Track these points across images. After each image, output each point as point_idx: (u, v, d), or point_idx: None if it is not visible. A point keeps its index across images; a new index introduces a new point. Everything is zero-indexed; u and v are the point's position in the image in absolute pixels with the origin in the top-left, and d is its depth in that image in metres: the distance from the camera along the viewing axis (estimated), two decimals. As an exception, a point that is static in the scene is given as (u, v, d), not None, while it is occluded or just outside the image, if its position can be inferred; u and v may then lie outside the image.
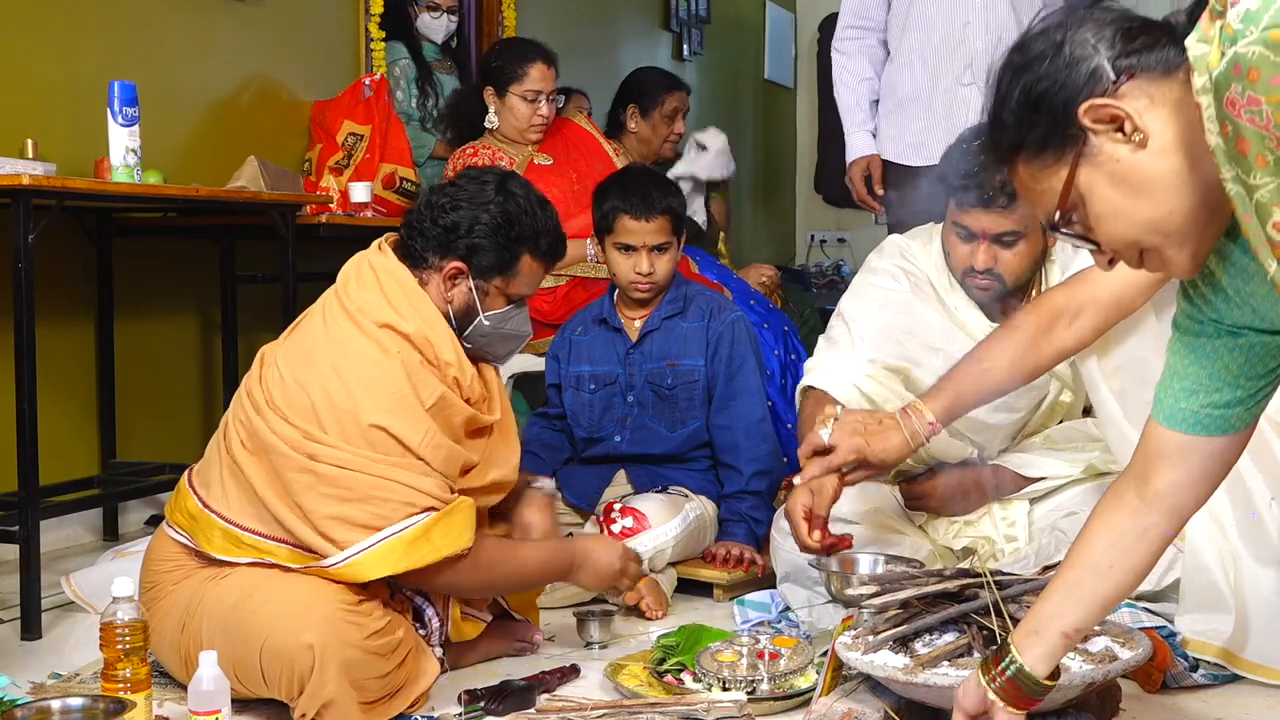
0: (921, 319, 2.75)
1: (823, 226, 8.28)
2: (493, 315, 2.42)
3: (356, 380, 2.25)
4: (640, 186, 3.24)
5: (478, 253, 2.37)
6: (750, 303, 3.76)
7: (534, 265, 2.42)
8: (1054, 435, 2.77)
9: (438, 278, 2.39)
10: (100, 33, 3.71)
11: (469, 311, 2.41)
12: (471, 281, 2.39)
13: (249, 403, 2.32)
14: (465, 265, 2.37)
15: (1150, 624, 2.43)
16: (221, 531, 2.28)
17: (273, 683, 2.16)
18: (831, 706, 2.06)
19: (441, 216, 2.38)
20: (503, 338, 2.47)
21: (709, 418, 3.21)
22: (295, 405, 2.25)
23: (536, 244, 2.40)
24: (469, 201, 2.38)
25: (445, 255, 2.38)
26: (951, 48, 3.38)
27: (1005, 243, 2.63)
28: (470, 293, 2.39)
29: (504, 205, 2.38)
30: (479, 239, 2.37)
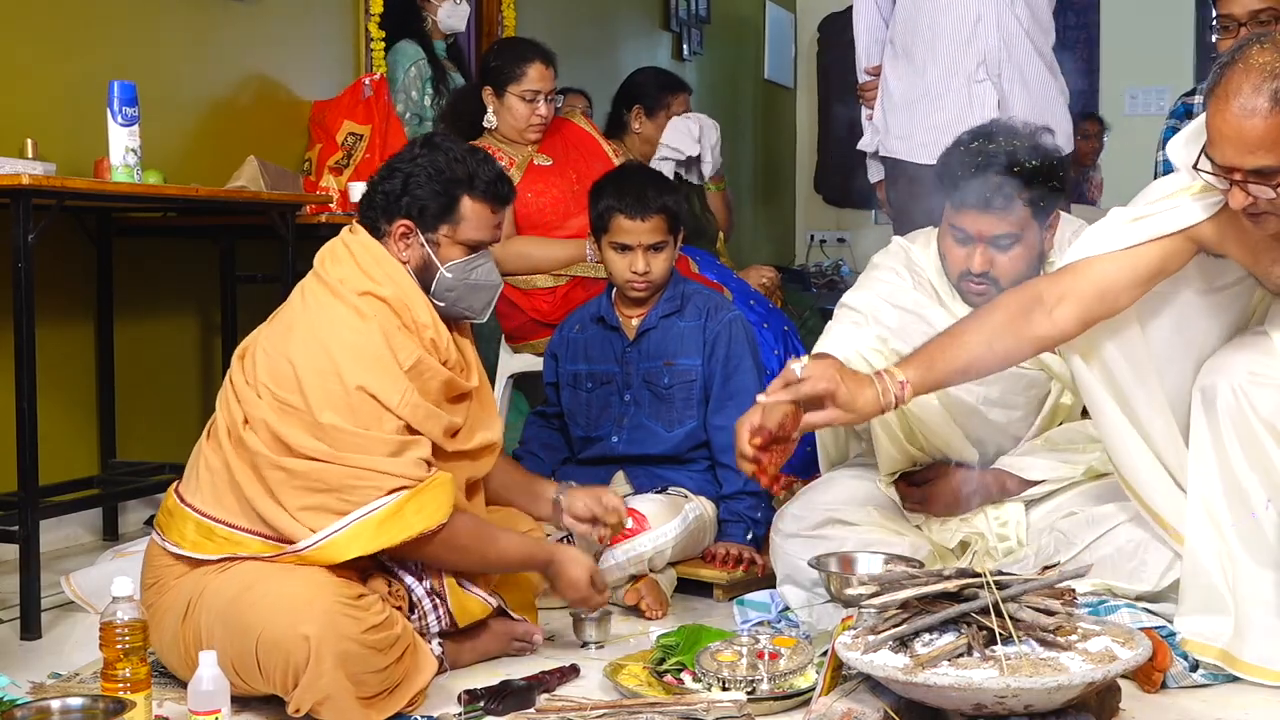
0: (927, 311, 2.75)
1: (822, 226, 8.28)
2: (453, 266, 2.47)
3: (337, 345, 2.31)
4: (635, 185, 3.24)
5: (417, 205, 2.45)
6: (750, 303, 3.75)
7: (477, 207, 2.48)
8: (1054, 437, 2.77)
9: (391, 243, 2.46)
10: (100, 33, 3.71)
11: (428, 267, 2.47)
12: (421, 236, 2.46)
13: (231, 393, 2.38)
14: (410, 221, 2.45)
15: (1150, 624, 2.44)
16: (194, 524, 2.32)
17: (269, 675, 2.16)
18: (831, 706, 2.06)
19: (381, 185, 2.49)
20: (472, 289, 2.51)
21: (706, 418, 3.21)
22: (278, 376, 2.31)
23: (472, 185, 2.47)
24: (400, 164, 2.49)
25: (392, 219, 2.46)
26: (963, 44, 3.37)
27: (1001, 246, 2.62)
28: (423, 247, 2.46)
29: (430, 156, 2.47)
30: (415, 192, 2.45)
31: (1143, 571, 2.54)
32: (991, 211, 2.58)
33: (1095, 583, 2.53)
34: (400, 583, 2.40)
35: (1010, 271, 2.63)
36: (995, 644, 2.00)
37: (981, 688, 1.92)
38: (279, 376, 2.31)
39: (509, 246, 3.76)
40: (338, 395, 2.28)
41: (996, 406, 2.72)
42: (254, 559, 2.27)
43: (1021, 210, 2.60)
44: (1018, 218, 2.60)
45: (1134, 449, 2.47)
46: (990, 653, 1.99)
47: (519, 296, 3.81)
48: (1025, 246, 2.64)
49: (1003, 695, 1.92)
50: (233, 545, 2.29)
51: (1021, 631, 2.02)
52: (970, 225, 2.62)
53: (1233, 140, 2.09)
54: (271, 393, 2.31)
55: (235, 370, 2.42)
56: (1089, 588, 2.51)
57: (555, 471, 3.26)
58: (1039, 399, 2.75)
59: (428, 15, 4.70)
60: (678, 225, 3.26)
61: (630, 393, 3.23)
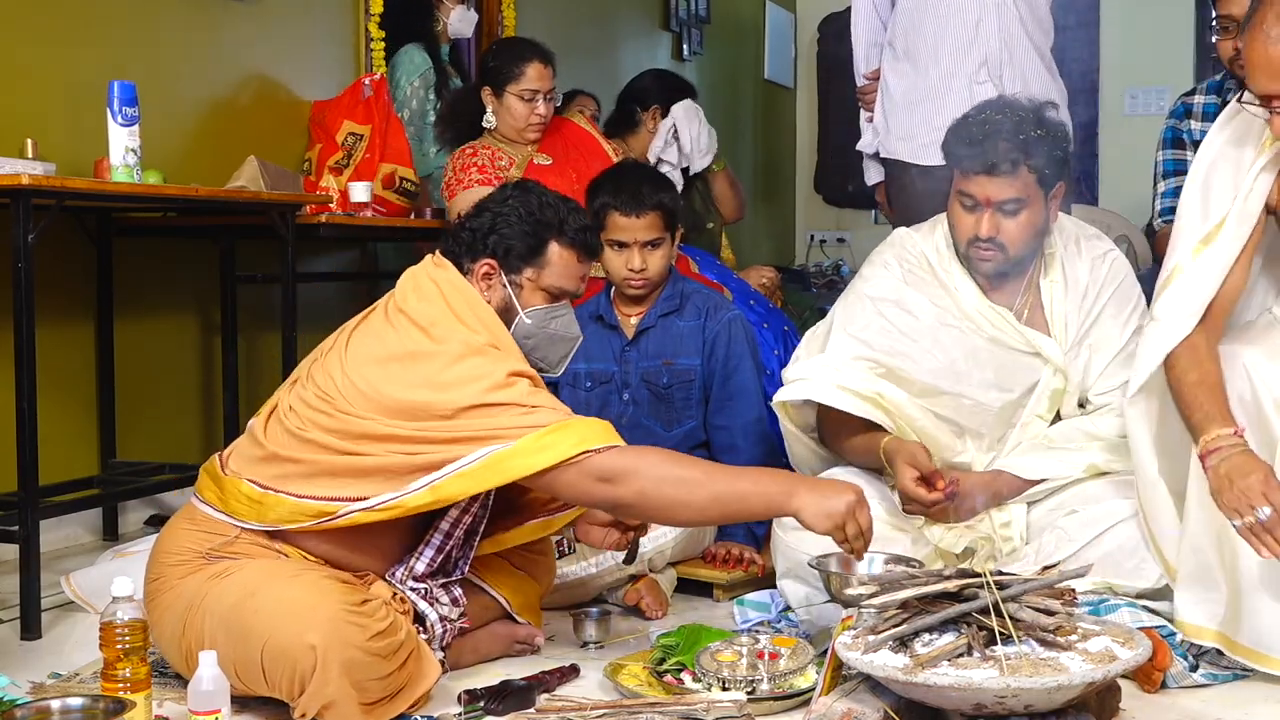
0: (912, 304, 2.79)
1: (822, 226, 8.28)
2: (533, 312, 2.46)
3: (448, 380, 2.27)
4: (631, 182, 3.23)
5: (504, 245, 2.44)
6: (750, 302, 3.76)
7: (564, 254, 2.46)
8: (1053, 435, 2.78)
9: (474, 281, 2.44)
10: (100, 33, 3.71)
11: (508, 309, 2.45)
12: (504, 277, 2.44)
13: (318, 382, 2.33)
14: (495, 261, 2.44)
15: (1150, 624, 2.44)
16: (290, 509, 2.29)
17: (274, 682, 2.16)
18: (831, 706, 2.06)
19: (470, 222, 2.48)
20: (550, 339, 2.49)
21: (706, 418, 3.21)
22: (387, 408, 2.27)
23: (561, 231, 2.46)
24: (491, 204, 2.49)
25: (476, 257, 2.45)
26: (965, 46, 3.37)
27: (1008, 211, 2.69)
28: (505, 289, 2.45)
29: (522, 199, 2.47)
30: (504, 231, 2.44)
31: (1143, 569, 2.54)
32: (998, 175, 2.66)
33: (1096, 581, 2.53)
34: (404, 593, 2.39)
35: (1016, 238, 2.70)
36: (995, 644, 2.00)
37: (981, 688, 1.92)
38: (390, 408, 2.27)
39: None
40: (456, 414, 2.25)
41: (993, 389, 2.76)
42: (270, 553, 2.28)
43: (1027, 175, 2.67)
44: (1023, 183, 2.67)
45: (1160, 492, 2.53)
46: (990, 653, 1.99)
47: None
48: (1030, 214, 2.70)
49: (1003, 695, 1.92)
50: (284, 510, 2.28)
51: (1021, 631, 2.02)
52: (978, 190, 2.69)
53: (1265, 69, 2.27)
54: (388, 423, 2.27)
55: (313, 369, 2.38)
56: (1089, 586, 2.52)
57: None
58: (1031, 382, 2.78)
59: (440, 18, 4.70)
60: (674, 222, 3.25)
61: (629, 392, 3.23)
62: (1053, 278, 2.81)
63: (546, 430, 2.23)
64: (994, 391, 2.75)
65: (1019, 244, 2.71)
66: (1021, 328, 2.78)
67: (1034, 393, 2.78)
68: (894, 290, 2.82)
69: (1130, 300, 2.83)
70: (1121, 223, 4.97)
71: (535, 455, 2.22)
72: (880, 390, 2.70)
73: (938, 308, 2.79)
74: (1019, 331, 2.78)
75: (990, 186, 2.67)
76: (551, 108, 3.91)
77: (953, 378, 2.75)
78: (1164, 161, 3.55)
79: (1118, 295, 2.82)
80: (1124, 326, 2.80)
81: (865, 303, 2.82)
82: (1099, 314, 2.80)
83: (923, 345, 2.76)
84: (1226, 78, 3.44)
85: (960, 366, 2.76)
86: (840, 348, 2.78)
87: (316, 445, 2.29)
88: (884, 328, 2.78)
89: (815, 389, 2.72)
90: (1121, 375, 2.76)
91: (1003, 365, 2.77)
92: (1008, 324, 2.78)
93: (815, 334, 2.93)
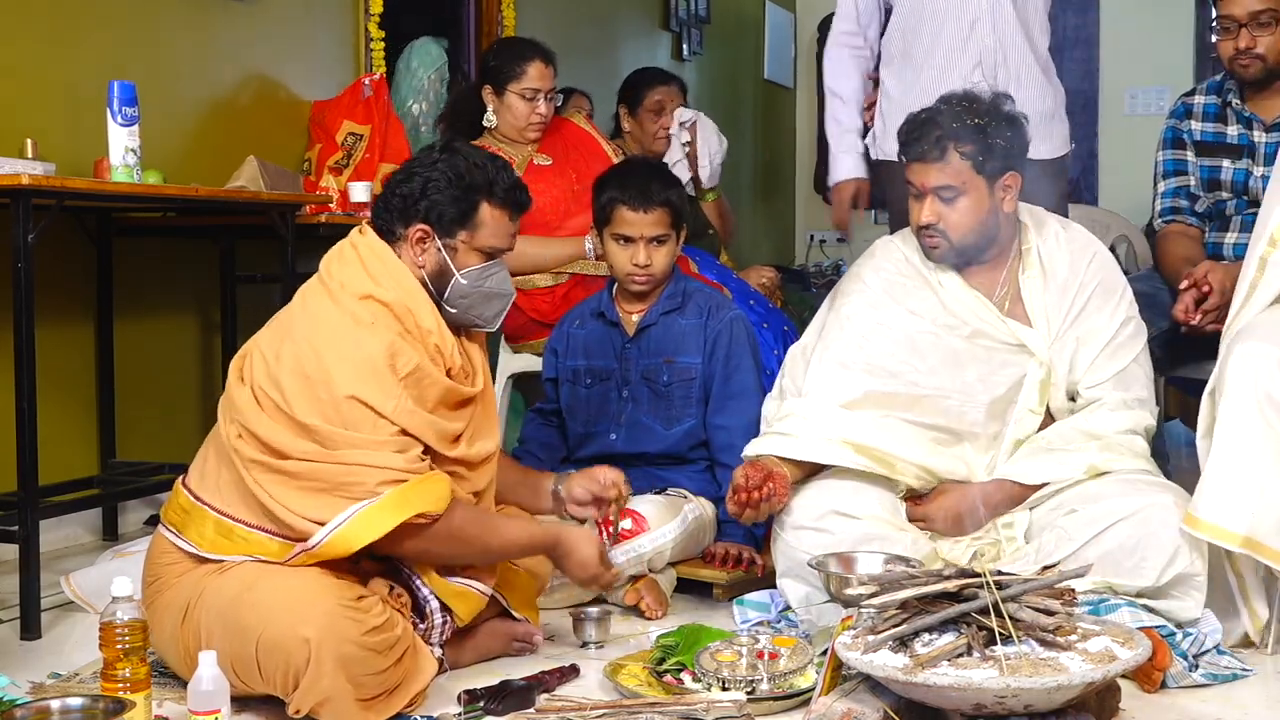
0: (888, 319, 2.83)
1: (822, 226, 8.27)
2: (468, 272, 2.45)
3: (330, 352, 2.30)
4: (639, 178, 3.24)
5: (436, 209, 2.43)
6: (750, 302, 3.75)
7: (495, 214, 2.46)
8: (1050, 437, 2.78)
9: (407, 246, 2.44)
10: (100, 33, 3.71)
11: (443, 272, 2.45)
12: (438, 241, 2.44)
13: (229, 400, 2.38)
14: (428, 225, 2.43)
15: (1150, 623, 2.44)
16: (214, 524, 2.31)
17: (268, 676, 2.16)
18: (831, 706, 2.06)
19: (398, 188, 2.46)
20: (485, 297, 2.50)
21: (706, 417, 3.21)
22: (274, 380, 2.30)
23: (491, 191, 2.45)
24: (419, 168, 2.47)
25: (409, 222, 2.44)
26: (959, 46, 3.38)
27: (945, 198, 2.76)
28: (440, 252, 2.44)
29: (451, 161, 2.45)
30: (434, 196, 2.43)
31: (1143, 568, 2.54)
32: (929, 161, 2.74)
33: (1095, 580, 2.53)
34: (405, 589, 2.39)
35: (959, 226, 2.77)
36: (995, 644, 2.00)
37: (981, 688, 1.92)
38: (275, 381, 2.31)
39: (508, 246, 3.76)
40: (328, 403, 2.27)
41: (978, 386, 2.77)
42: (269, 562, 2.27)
43: (959, 162, 2.73)
44: (955, 169, 2.73)
45: None
46: (990, 653, 1.99)
47: (518, 296, 3.79)
48: (971, 201, 2.75)
49: (1002, 695, 1.92)
50: (251, 547, 2.28)
51: (1021, 631, 2.02)
52: (915, 178, 2.78)
53: None
54: (268, 396, 2.31)
55: (233, 375, 2.41)
56: (1089, 585, 2.52)
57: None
58: (1017, 377, 2.79)
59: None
60: (680, 220, 3.26)
61: (629, 389, 3.23)
62: (1031, 271, 2.83)
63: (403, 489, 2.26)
64: (979, 389, 2.77)
65: (961, 231, 2.77)
66: (1004, 318, 2.79)
67: (1022, 387, 2.78)
68: (870, 309, 2.86)
69: (1116, 291, 2.84)
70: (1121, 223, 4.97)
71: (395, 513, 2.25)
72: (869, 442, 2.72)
73: (915, 315, 2.81)
74: (1003, 322, 2.79)
75: (923, 173, 2.75)
76: (552, 107, 3.91)
77: (935, 383, 2.76)
78: (1164, 161, 3.55)
79: (1103, 287, 2.83)
80: (1111, 318, 2.81)
81: (844, 324, 2.86)
82: (1084, 306, 2.81)
83: (900, 357, 2.79)
84: (1227, 78, 3.45)
85: (941, 371, 2.77)
86: (823, 380, 2.80)
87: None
88: (862, 347, 2.81)
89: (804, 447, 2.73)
90: (1111, 367, 2.77)
91: (985, 362, 2.79)
92: (991, 314, 2.79)
93: (794, 357, 2.97)
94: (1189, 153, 3.50)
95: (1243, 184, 3.40)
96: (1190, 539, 2.52)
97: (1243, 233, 3.40)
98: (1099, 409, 2.77)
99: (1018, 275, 2.84)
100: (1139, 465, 2.74)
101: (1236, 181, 3.41)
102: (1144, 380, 2.83)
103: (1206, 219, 3.50)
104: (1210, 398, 2.58)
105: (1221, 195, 3.44)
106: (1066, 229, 2.90)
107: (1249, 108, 3.41)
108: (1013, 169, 2.77)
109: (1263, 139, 3.38)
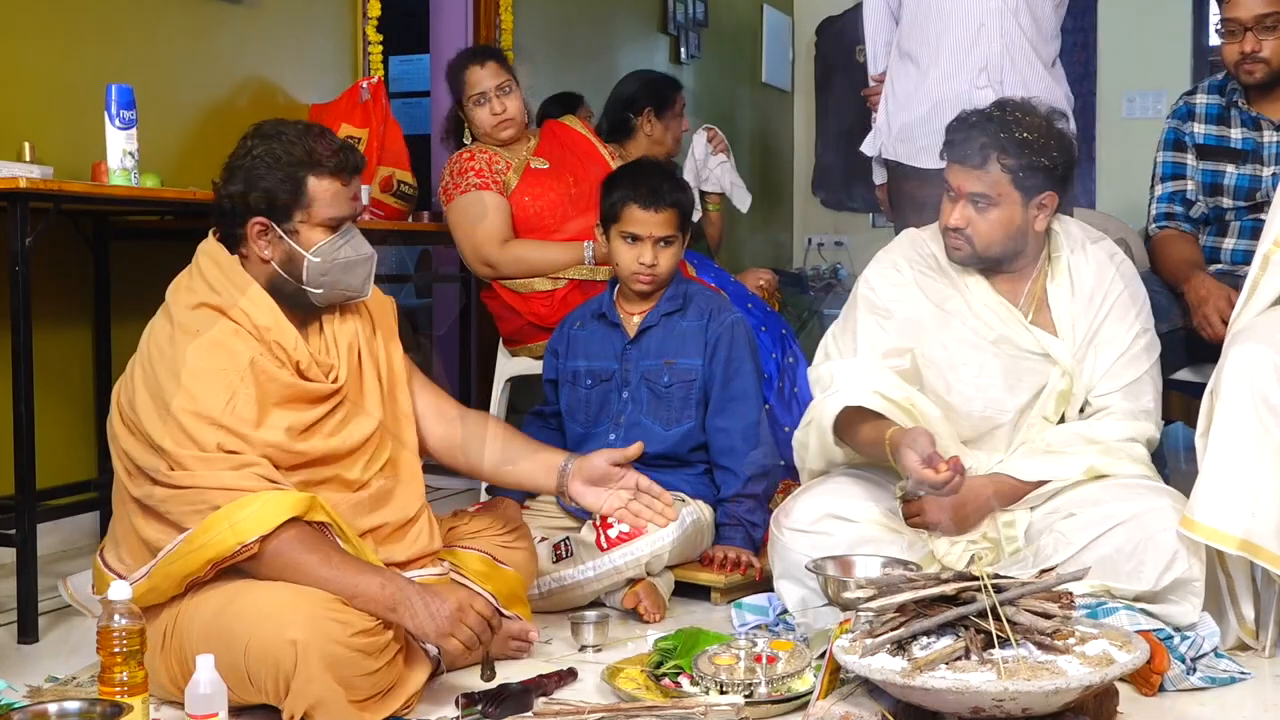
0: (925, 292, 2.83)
1: (820, 230, 8.28)
2: (318, 250, 2.42)
3: (160, 366, 2.31)
4: (650, 178, 3.26)
5: (265, 199, 2.39)
6: (748, 306, 3.75)
7: (325, 183, 2.41)
8: (1051, 440, 2.78)
9: (250, 244, 2.42)
10: (98, 36, 3.71)
11: (292, 258, 2.41)
12: (278, 229, 2.41)
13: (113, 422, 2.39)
14: (264, 218, 2.40)
15: (1148, 627, 2.44)
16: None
17: (259, 684, 2.15)
18: (829, 710, 2.06)
19: (224, 189, 2.44)
20: (345, 268, 2.45)
21: (706, 420, 3.21)
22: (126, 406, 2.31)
23: (315, 163, 2.40)
24: (238, 163, 2.43)
25: (244, 220, 2.41)
26: (966, 50, 3.37)
27: (977, 205, 2.72)
28: (283, 239, 2.41)
29: (266, 146, 2.41)
30: (261, 186, 2.39)
31: (1141, 572, 2.54)
32: (967, 165, 2.71)
33: (1093, 584, 2.53)
34: None
35: (984, 235, 2.74)
36: (993, 647, 2.00)
37: (979, 691, 1.92)
38: (125, 408, 2.33)
39: (506, 250, 3.76)
40: (162, 417, 2.27)
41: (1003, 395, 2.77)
42: None
43: (999, 174, 2.69)
44: (994, 180, 2.70)
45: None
46: (988, 656, 1.99)
47: (516, 300, 3.81)
48: (1002, 214, 2.72)
49: (1000, 699, 1.92)
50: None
51: (1019, 635, 2.02)
52: (952, 178, 2.74)
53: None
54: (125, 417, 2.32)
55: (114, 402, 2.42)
56: (1087, 589, 2.52)
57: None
58: (1039, 385, 2.78)
59: None
60: (687, 224, 3.28)
61: (628, 390, 3.23)
62: (1059, 281, 2.82)
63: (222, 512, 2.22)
64: (1006, 398, 2.76)
65: (986, 241, 2.74)
66: (1030, 327, 2.78)
67: (1041, 395, 2.78)
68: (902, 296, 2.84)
69: (1136, 303, 2.83)
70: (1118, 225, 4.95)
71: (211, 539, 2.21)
72: (912, 398, 2.71)
73: (944, 311, 2.80)
74: (1028, 330, 2.78)
75: (961, 176, 2.72)
76: (514, 103, 3.88)
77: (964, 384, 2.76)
78: (1162, 164, 3.53)
79: (1123, 297, 2.82)
80: (1128, 329, 2.80)
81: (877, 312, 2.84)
82: (1105, 316, 2.80)
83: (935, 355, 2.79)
84: (1229, 79, 3.44)
85: (962, 372, 2.77)
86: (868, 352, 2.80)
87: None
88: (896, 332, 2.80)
89: (853, 396, 2.70)
90: (1123, 377, 2.77)
91: (1009, 370, 2.78)
92: (1016, 322, 2.78)
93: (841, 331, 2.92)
94: (1189, 156, 3.49)
95: (1246, 189, 3.39)
96: (1188, 543, 2.52)
97: (1240, 238, 3.40)
98: (1104, 416, 2.77)
99: (1045, 284, 2.83)
100: (1138, 470, 2.74)
101: (1239, 187, 3.39)
102: (1153, 394, 2.82)
103: (1203, 224, 3.49)
104: (1210, 398, 2.58)
105: (1222, 201, 3.43)
106: (1094, 241, 2.89)
107: (1255, 108, 3.40)
108: (1052, 189, 2.73)
109: (1273, 138, 3.36)
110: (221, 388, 2.29)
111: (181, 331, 2.33)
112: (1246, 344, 2.55)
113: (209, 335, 2.33)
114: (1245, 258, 3.21)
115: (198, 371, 2.29)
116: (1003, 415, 2.77)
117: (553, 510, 3.23)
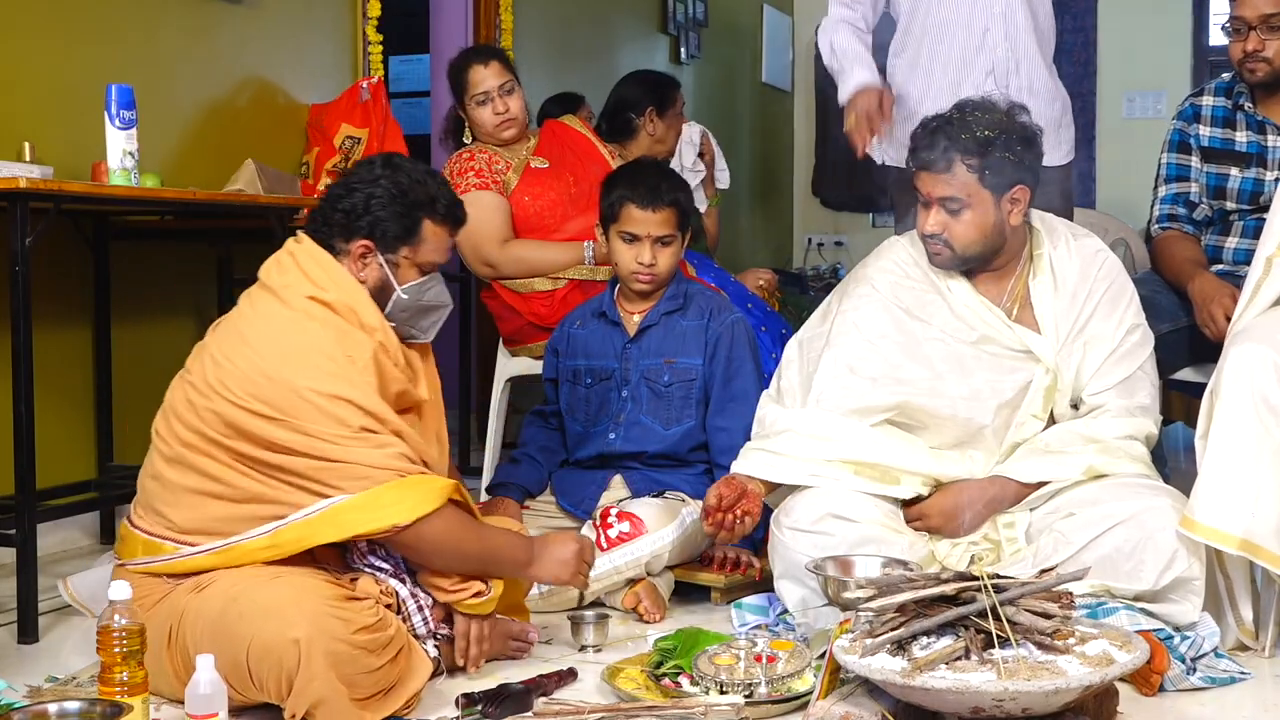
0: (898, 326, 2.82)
1: (820, 229, 8.29)
2: (409, 287, 2.48)
3: (290, 350, 2.32)
4: (649, 177, 3.27)
5: (379, 226, 2.45)
6: (748, 305, 3.76)
7: (436, 230, 2.50)
8: (1049, 440, 2.78)
9: (348, 261, 2.45)
10: (97, 36, 3.71)
11: (385, 287, 2.47)
12: (380, 257, 2.46)
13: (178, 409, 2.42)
14: (371, 242, 2.45)
15: (1148, 627, 2.44)
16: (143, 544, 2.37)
17: (261, 683, 2.16)
18: (829, 710, 2.06)
19: (339, 203, 2.47)
20: (423, 310, 2.53)
21: (706, 419, 3.21)
22: (235, 383, 2.31)
23: (434, 208, 2.48)
24: (361, 183, 2.47)
25: (351, 238, 2.45)
26: (972, 54, 3.36)
27: (950, 210, 2.73)
28: (382, 268, 2.47)
29: (394, 178, 2.47)
30: (378, 213, 2.44)
31: (1140, 571, 2.54)
32: (935, 172, 2.72)
33: (1093, 584, 2.53)
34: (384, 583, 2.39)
35: (961, 237, 2.75)
36: (993, 647, 2.00)
37: (979, 691, 1.92)
38: (237, 382, 2.31)
39: (506, 250, 3.76)
40: (296, 400, 2.28)
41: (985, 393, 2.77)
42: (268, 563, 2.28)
43: (965, 175, 2.71)
44: (961, 181, 2.71)
45: None
46: (988, 656, 2.00)
47: (516, 300, 3.81)
48: (976, 214, 2.73)
49: (1000, 699, 1.92)
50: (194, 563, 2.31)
51: (1019, 635, 2.02)
52: (923, 186, 2.76)
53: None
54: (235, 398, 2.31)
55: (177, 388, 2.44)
56: (1087, 588, 2.52)
57: (552, 475, 3.28)
58: (1023, 382, 2.78)
59: None
60: (686, 223, 3.28)
61: (629, 389, 3.23)
62: (1041, 277, 2.82)
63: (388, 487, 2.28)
64: (987, 394, 2.76)
65: (964, 243, 2.75)
66: (1012, 325, 2.79)
67: (1028, 393, 2.78)
68: (879, 313, 2.84)
69: (1124, 297, 2.84)
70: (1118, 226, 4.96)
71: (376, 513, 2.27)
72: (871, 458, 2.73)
73: (922, 321, 2.81)
74: (1010, 329, 2.78)
75: (930, 183, 2.74)
76: (516, 103, 3.88)
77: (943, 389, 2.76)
78: (1166, 165, 3.53)
79: (1110, 293, 2.82)
80: (1118, 325, 2.81)
81: (851, 330, 2.85)
82: (1092, 312, 2.80)
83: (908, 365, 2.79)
84: (1236, 79, 3.43)
85: (949, 377, 2.77)
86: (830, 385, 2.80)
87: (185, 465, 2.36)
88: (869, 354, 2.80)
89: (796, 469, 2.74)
90: (1116, 374, 2.77)
91: (991, 369, 2.78)
92: (999, 320, 2.79)
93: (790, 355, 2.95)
94: (1194, 158, 3.48)
95: (1250, 193, 3.38)
96: (1188, 542, 2.52)
97: (1243, 238, 3.39)
98: (1101, 415, 2.77)
99: (1028, 281, 2.83)
100: (1137, 470, 2.74)
101: (1244, 191, 3.38)
102: (1149, 388, 2.82)
103: (1205, 225, 3.49)
104: (1210, 398, 2.58)
105: (1226, 205, 3.42)
106: (1077, 236, 2.89)
107: (1261, 111, 3.39)
108: (1021, 182, 2.74)
109: (1278, 142, 3.36)
110: (356, 372, 2.34)
111: (308, 317, 2.36)
112: (1246, 344, 2.55)
113: (335, 325, 2.37)
114: (1248, 257, 3.20)
115: (333, 356, 2.33)
116: (985, 416, 2.77)
117: (553, 510, 3.23)
